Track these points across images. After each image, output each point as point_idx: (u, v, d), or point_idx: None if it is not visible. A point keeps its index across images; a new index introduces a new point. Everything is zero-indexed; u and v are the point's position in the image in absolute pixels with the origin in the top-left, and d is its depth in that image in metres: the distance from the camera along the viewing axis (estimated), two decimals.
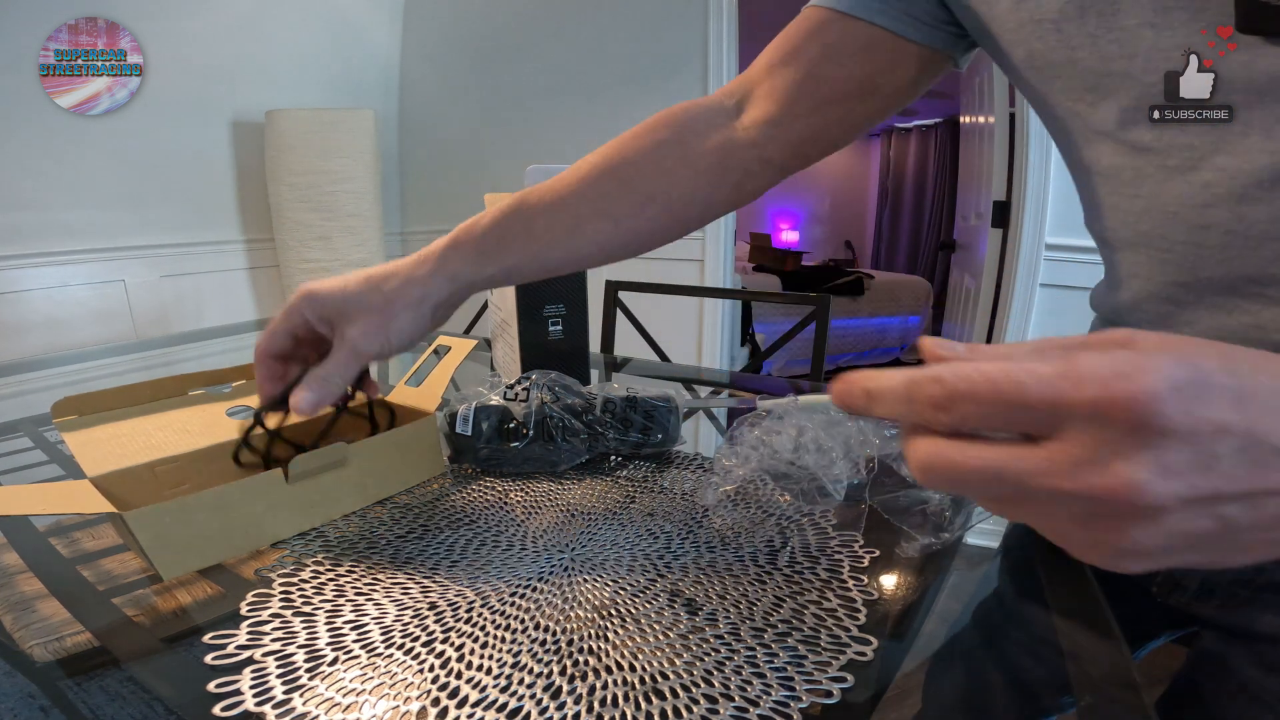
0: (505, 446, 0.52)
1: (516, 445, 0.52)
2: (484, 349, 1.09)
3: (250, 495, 0.42)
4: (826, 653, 0.32)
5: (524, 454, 0.52)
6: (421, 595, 0.37)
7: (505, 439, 0.52)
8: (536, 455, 0.53)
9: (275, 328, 0.43)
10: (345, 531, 0.45)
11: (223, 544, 0.41)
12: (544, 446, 0.52)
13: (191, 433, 0.49)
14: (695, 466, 0.55)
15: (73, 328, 1.94)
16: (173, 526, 0.38)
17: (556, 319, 0.67)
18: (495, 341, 0.83)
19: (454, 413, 0.53)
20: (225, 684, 0.30)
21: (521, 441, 0.52)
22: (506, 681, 0.30)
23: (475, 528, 0.45)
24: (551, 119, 2.30)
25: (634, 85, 2.10)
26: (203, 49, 2.10)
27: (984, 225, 1.95)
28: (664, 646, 0.32)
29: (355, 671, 0.31)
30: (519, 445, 0.52)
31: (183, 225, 2.15)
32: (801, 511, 0.46)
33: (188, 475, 0.46)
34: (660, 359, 1.11)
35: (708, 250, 2.06)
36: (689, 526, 0.45)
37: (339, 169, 2.18)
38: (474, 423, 0.52)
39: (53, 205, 1.87)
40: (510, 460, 0.53)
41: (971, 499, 0.23)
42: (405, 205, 2.82)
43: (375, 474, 0.49)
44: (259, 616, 0.35)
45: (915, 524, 0.42)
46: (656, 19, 2.01)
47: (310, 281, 0.43)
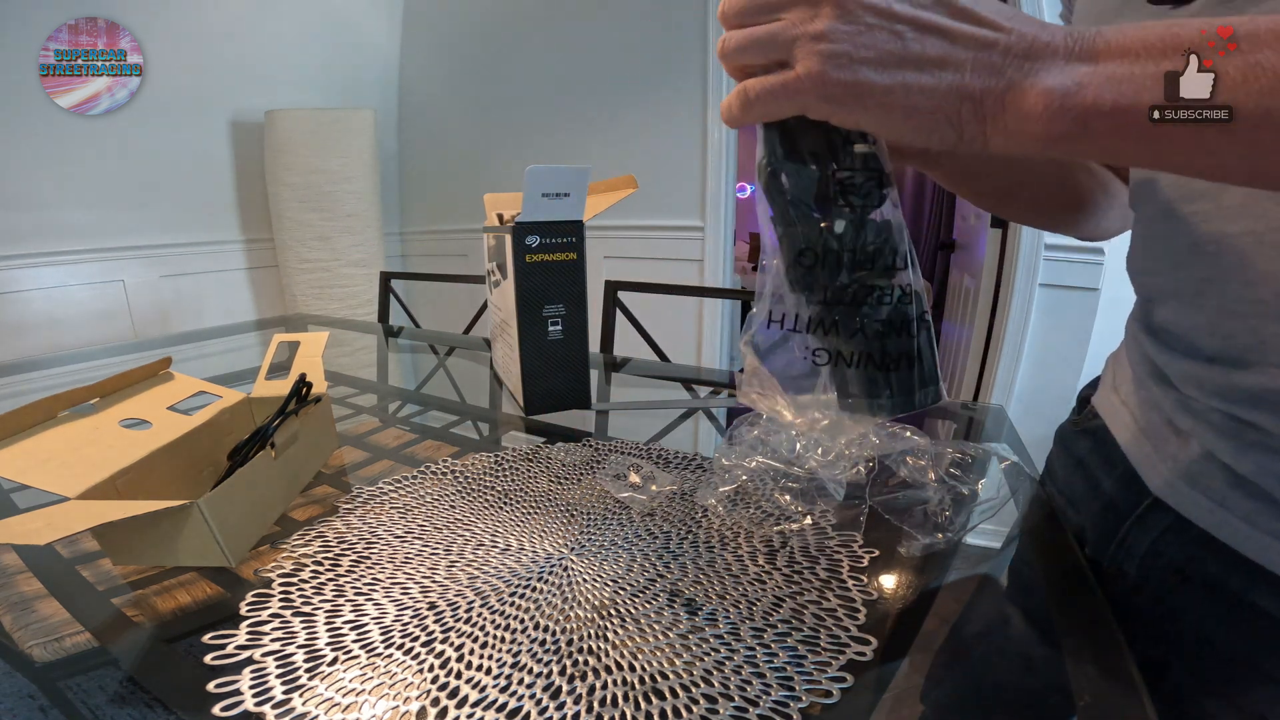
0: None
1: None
2: (483, 349, 1.09)
3: (257, 475, 0.46)
4: (826, 653, 0.32)
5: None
6: (421, 595, 0.37)
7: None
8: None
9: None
10: (345, 531, 0.45)
11: (254, 524, 0.45)
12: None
13: (113, 445, 0.47)
14: (695, 466, 0.55)
15: (72, 328, 1.94)
16: (225, 512, 0.41)
17: (556, 319, 0.67)
18: (495, 341, 0.83)
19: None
20: (225, 684, 0.30)
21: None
22: (506, 681, 0.30)
23: (475, 528, 0.45)
24: (551, 119, 2.30)
25: (634, 85, 2.10)
26: (203, 49, 2.10)
27: (983, 225, 1.95)
28: (664, 646, 0.32)
29: (355, 671, 0.31)
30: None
31: (182, 225, 2.15)
32: (801, 511, 0.46)
33: (142, 485, 0.45)
34: (660, 359, 1.11)
35: (707, 250, 2.06)
36: (689, 526, 0.45)
37: (338, 169, 2.18)
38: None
39: (53, 205, 1.87)
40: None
41: (760, 91, 0.28)
42: (405, 205, 2.82)
43: (312, 443, 0.55)
44: (259, 616, 0.35)
45: (915, 524, 0.42)
46: (656, 19, 2.01)
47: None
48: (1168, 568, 0.37)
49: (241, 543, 0.42)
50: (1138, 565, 0.38)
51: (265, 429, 0.48)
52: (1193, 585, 0.35)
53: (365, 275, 2.30)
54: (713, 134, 1.98)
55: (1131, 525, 0.39)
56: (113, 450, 0.44)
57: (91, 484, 0.40)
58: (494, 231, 0.73)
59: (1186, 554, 0.36)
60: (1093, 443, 0.45)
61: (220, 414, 0.54)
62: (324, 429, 0.59)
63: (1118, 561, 0.39)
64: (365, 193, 2.26)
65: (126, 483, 0.43)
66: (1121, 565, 0.39)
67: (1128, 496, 0.40)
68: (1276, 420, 0.32)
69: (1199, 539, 0.35)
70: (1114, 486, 0.42)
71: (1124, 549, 0.39)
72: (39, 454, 0.41)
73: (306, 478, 0.54)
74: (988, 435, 0.63)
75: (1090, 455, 0.45)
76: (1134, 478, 0.40)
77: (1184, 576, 0.36)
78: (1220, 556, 0.34)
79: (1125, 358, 0.44)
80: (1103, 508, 0.42)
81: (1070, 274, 1.59)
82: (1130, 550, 0.39)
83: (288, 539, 0.44)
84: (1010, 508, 0.45)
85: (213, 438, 0.52)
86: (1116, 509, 0.41)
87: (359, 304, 2.30)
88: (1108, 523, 0.41)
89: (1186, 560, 0.36)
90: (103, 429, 0.46)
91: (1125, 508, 0.40)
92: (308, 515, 0.48)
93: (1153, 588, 0.37)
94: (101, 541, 0.40)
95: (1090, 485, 0.44)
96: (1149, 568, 0.37)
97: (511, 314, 0.67)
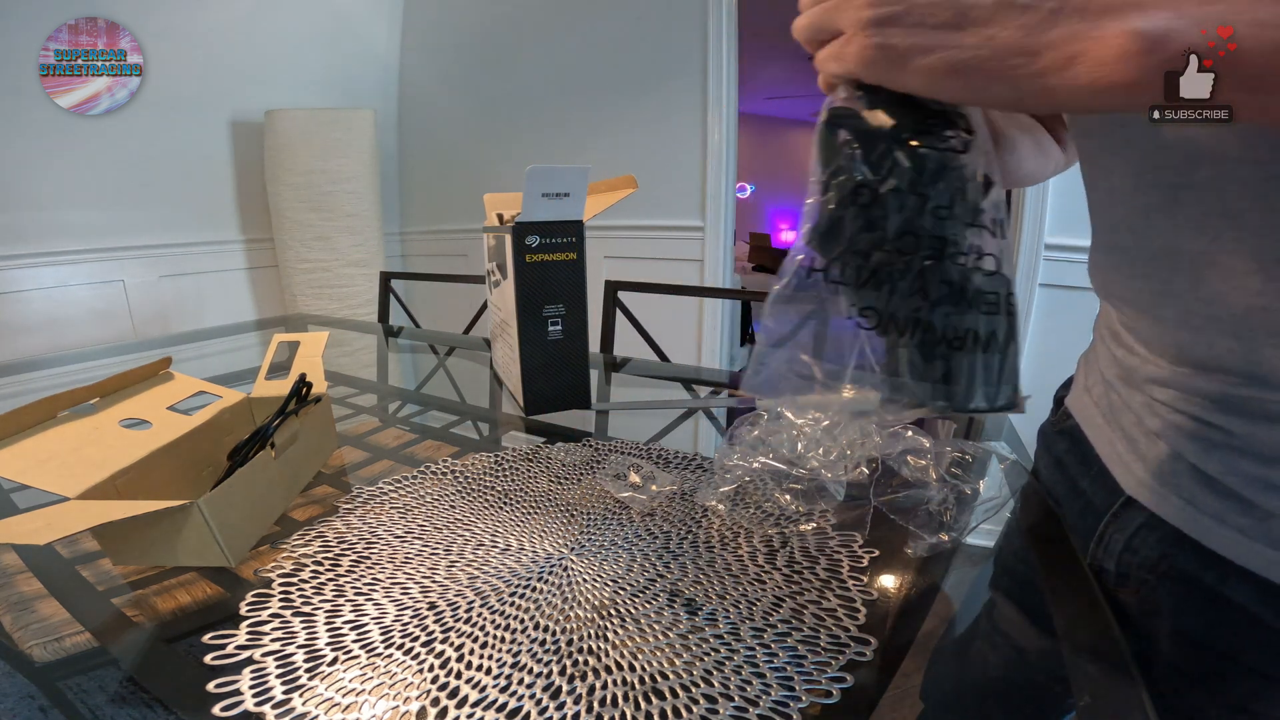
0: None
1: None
2: (483, 349, 1.09)
3: (257, 475, 0.45)
4: (826, 653, 0.32)
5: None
6: (421, 595, 0.37)
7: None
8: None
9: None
10: (345, 531, 0.45)
11: (254, 524, 0.45)
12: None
13: (113, 445, 0.47)
14: (695, 466, 0.55)
15: (72, 328, 1.94)
16: (225, 512, 0.41)
17: (556, 319, 0.67)
18: (495, 341, 0.83)
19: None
20: (225, 684, 0.30)
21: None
22: (506, 681, 0.30)
23: (475, 528, 0.45)
24: (551, 119, 2.30)
25: (634, 85, 2.10)
26: (202, 49, 2.10)
27: None
28: (664, 646, 0.32)
29: (355, 671, 0.31)
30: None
31: (182, 225, 2.15)
32: (801, 511, 0.46)
33: (142, 485, 0.45)
34: (660, 359, 1.11)
35: (707, 250, 2.06)
36: (689, 526, 0.45)
37: (338, 169, 2.18)
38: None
39: (53, 205, 1.87)
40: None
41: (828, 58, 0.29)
42: (405, 205, 2.82)
43: (312, 443, 0.55)
44: (258, 616, 0.35)
45: (920, 524, 0.42)
46: (656, 19, 2.01)
47: None
48: (1144, 565, 0.37)
49: (241, 543, 0.42)
50: (1116, 562, 0.39)
51: (265, 429, 0.48)
52: (1169, 581, 0.36)
53: (365, 275, 2.30)
54: (713, 134, 1.98)
55: (1108, 523, 0.39)
56: (113, 450, 0.44)
57: (91, 484, 0.40)
58: (494, 231, 0.73)
59: (1161, 551, 0.36)
60: (1069, 443, 0.46)
61: (220, 414, 0.54)
62: (324, 429, 0.59)
63: (1098, 559, 0.40)
64: (365, 193, 2.26)
65: (126, 483, 0.43)
66: (1102, 563, 0.40)
67: (1103, 495, 0.41)
68: (1239, 421, 0.32)
69: (1172, 536, 0.35)
70: (1090, 485, 0.42)
71: (1102, 546, 0.40)
72: (39, 454, 0.41)
73: (306, 478, 0.54)
74: (987, 434, 0.63)
75: (1067, 455, 0.46)
76: (1108, 477, 0.40)
77: (1160, 573, 0.36)
78: (1193, 553, 0.34)
79: (1095, 359, 0.45)
80: (1082, 506, 0.43)
81: (1070, 274, 1.59)
82: (1109, 548, 0.39)
83: (288, 539, 0.44)
84: (1010, 507, 0.46)
85: (213, 438, 0.52)
86: (1094, 508, 0.41)
87: (359, 304, 2.30)
88: (1086, 521, 0.42)
89: (1161, 557, 0.36)
90: (103, 429, 0.46)
91: (1102, 506, 0.40)
92: (308, 515, 0.48)
93: (1132, 584, 0.38)
94: (101, 541, 0.40)
95: (1069, 484, 0.45)
96: (1127, 564, 0.38)
97: (511, 314, 0.67)
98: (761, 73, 4.56)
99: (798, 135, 6.08)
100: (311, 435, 0.55)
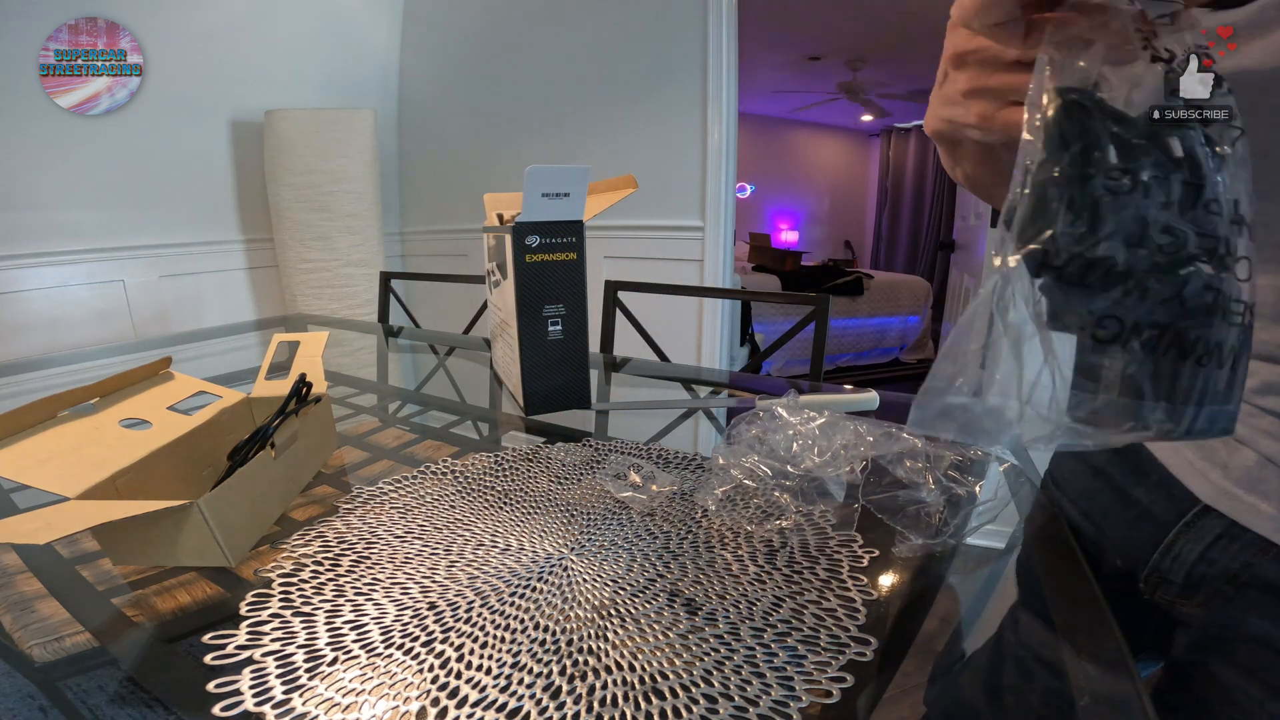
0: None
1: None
2: (483, 349, 1.09)
3: (257, 475, 0.45)
4: (826, 653, 0.32)
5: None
6: (421, 595, 0.37)
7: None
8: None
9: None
10: (345, 531, 0.45)
11: (254, 525, 0.45)
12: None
13: (113, 445, 0.47)
14: (694, 466, 0.55)
15: (72, 328, 1.94)
16: (225, 512, 0.41)
17: (556, 319, 0.67)
18: (495, 341, 0.83)
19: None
20: (225, 684, 0.30)
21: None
22: (506, 681, 0.30)
23: (475, 528, 0.45)
24: (551, 119, 2.30)
25: (633, 85, 2.10)
26: (202, 49, 2.10)
27: (983, 225, 1.95)
28: (663, 646, 0.32)
29: (355, 671, 0.31)
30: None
31: (182, 225, 2.15)
32: (801, 511, 0.46)
33: (142, 485, 0.45)
34: (660, 359, 1.11)
35: (707, 250, 2.06)
36: (689, 526, 0.45)
37: (338, 169, 2.18)
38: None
39: (53, 205, 1.87)
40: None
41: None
42: (405, 205, 2.82)
43: (312, 443, 0.55)
44: (258, 616, 0.35)
45: (908, 524, 0.42)
46: (656, 19, 2.01)
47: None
48: (1221, 575, 0.37)
49: (241, 543, 0.42)
50: (1186, 573, 0.38)
51: (265, 429, 0.48)
52: (1251, 590, 0.36)
53: (365, 275, 2.30)
54: (713, 134, 1.98)
55: (1178, 534, 0.39)
56: (113, 450, 0.44)
57: (91, 484, 0.40)
58: (494, 231, 0.73)
59: (1243, 560, 0.36)
60: (1114, 453, 0.45)
61: (220, 414, 0.54)
62: (324, 429, 0.59)
63: (1161, 570, 0.39)
64: (365, 193, 2.26)
65: (126, 483, 0.43)
66: (1166, 574, 0.39)
67: (1166, 505, 0.40)
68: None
69: (1255, 545, 0.35)
70: (1148, 495, 0.42)
71: (1171, 557, 0.39)
72: (39, 454, 0.41)
73: (306, 478, 0.54)
74: None
75: (1112, 465, 0.45)
76: (1173, 486, 0.40)
77: (1241, 583, 0.36)
78: (1278, 561, 0.34)
79: None
80: (1135, 517, 0.42)
81: None
82: (1178, 558, 0.39)
83: (288, 539, 0.44)
84: (1011, 509, 0.45)
85: (213, 438, 0.52)
86: (1154, 518, 0.41)
87: (359, 304, 2.30)
88: (1143, 532, 0.41)
89: (1243, 567, 0.36)
90: (103, 429, 0.46)
91: (1166, 517, 0.40)
92: (308, 515, 0.48)
93: (1203, 594, 0.38)
94: (101, 541, 0.40)
95: (1115, 494, 0.44)
96: (1200, 575, 0.38)
97: (511, 314, 0.67)
98: (761, 72, 4.55)
99: (798, 135, 6.08)
100: (311, 435, 0.55)
